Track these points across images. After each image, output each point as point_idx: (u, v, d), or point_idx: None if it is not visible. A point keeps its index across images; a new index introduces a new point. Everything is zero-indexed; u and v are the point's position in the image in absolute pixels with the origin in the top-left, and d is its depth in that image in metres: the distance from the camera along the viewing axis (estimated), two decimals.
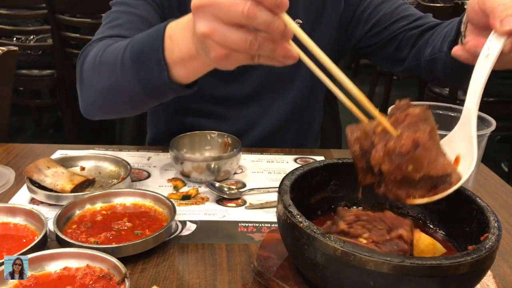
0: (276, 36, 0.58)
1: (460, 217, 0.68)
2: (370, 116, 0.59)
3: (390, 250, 0.58)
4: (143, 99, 0.83)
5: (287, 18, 0.57)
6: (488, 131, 0.82)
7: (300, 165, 0.73)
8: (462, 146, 0.61)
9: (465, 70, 0.77)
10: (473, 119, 0.61)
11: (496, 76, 2.89)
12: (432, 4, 3.35)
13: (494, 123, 0.84)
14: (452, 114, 0.92)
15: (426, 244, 0.58)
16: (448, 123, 0.89)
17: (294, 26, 0.58)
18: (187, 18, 0.69)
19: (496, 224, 0.60)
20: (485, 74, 0.63)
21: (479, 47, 0.67)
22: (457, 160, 0.60)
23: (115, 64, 0.82)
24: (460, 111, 0.91)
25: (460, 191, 0.68)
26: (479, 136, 0.82)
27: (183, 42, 0.70)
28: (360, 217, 0.62)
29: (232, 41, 0.58)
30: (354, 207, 0.77)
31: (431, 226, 0.73)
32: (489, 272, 0.65)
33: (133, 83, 0.79)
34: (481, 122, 0.87)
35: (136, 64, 0.78)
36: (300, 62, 0.61)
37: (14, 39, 2.96)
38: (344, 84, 0.59)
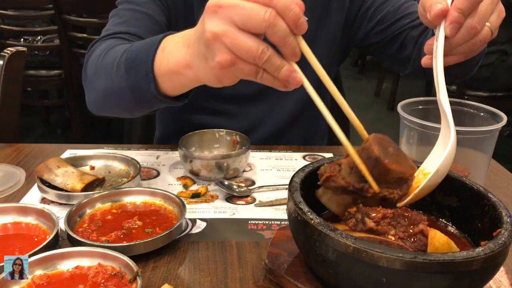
0: (287, 52, 0.58)
1: (472, 213, 0.67)
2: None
3: (415, 245, 0.59)
4: (134, 105, 0.84)
5: (301, 39, 0.58)
6: (499, 125, 0.81)
7: (309, 162, 0.73)
8: (448, 135, 0.64)
9: (464, 64, 0.77)
10: (447, 108, 0.65)
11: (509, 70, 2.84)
12: None
13: (505, 118, 0.83)
14: (461, 109, 0.92)
15: (442, 242, 0.57)
16: (456, 117, 0.89)
17: (306, 48, 0.59)
18: (185, 31, 0.69)
19: (508, 220, 0.59)
20: (440, 64, 0.66)
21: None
22: None
23: (112, 68, 0.83)
24: (469, 106, 0.91)
25: (472, 187, 0.68)
26: (490, 131, 0.81)
27: (173, 55, 0.70)
28: (385, 214, 0.62)
29: (243, 46, 0.56)
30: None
31: (443, 221, 0.72)
32: (501, 268, 0.64)
33: (125, 90, 0.81)
34: (492, 117, 0.87)
35: (128, 72, 0.79)
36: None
37: (22, 40, 2.98)
38: (345, 111, 0.65)
